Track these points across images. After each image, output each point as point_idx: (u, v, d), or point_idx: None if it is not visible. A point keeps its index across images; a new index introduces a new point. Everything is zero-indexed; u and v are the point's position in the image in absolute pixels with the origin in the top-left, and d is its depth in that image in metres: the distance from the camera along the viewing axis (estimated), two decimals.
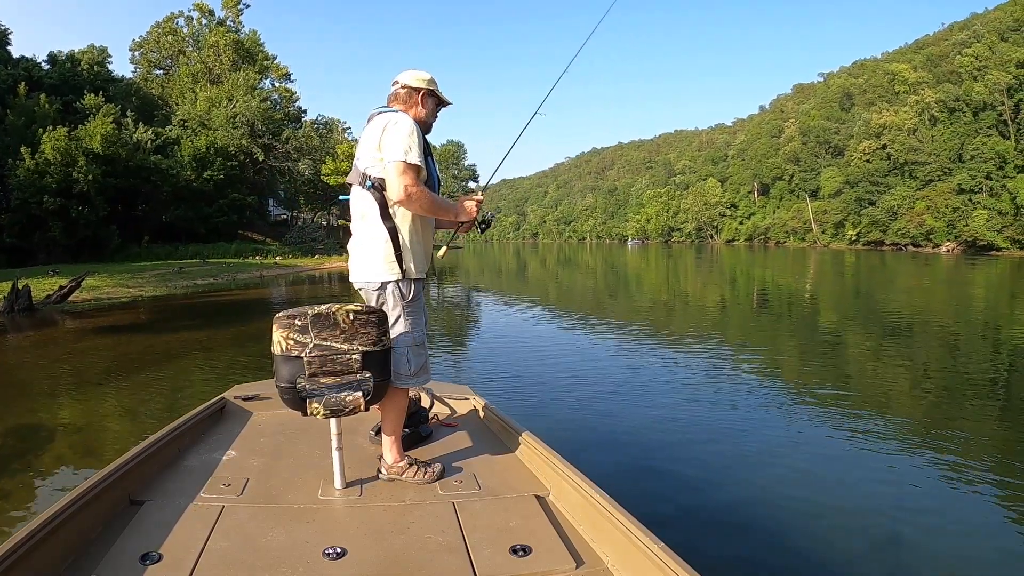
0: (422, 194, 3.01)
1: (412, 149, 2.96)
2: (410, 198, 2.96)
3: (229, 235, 51.27)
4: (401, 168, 2.95)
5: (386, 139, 3.01)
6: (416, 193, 2.98)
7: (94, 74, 51.28)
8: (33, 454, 6.36)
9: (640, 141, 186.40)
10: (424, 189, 3.03)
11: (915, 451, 6.19)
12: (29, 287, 18.81)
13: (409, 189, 2.95)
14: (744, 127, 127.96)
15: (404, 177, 2.94)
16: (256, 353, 10.99)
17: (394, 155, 2.96)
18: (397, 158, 2.95)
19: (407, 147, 2.96)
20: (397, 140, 2.97)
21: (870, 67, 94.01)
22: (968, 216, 63.86)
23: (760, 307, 20.68)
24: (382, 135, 3.02)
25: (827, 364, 10.89)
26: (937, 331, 14.26)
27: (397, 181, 2.94)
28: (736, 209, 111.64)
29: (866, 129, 78.47)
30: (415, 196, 2.98)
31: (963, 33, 75.65)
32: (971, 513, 4.90)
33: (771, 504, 5.01)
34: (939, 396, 8.56)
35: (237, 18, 60.30)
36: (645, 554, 2.19)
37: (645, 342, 13.04)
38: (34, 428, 7.26)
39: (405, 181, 2.94)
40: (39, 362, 11.51)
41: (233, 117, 52.05)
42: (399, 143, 2.96)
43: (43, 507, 3.06)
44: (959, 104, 69.64)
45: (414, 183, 2.97)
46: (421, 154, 3.02)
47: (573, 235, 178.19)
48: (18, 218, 37.31)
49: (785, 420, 7.31)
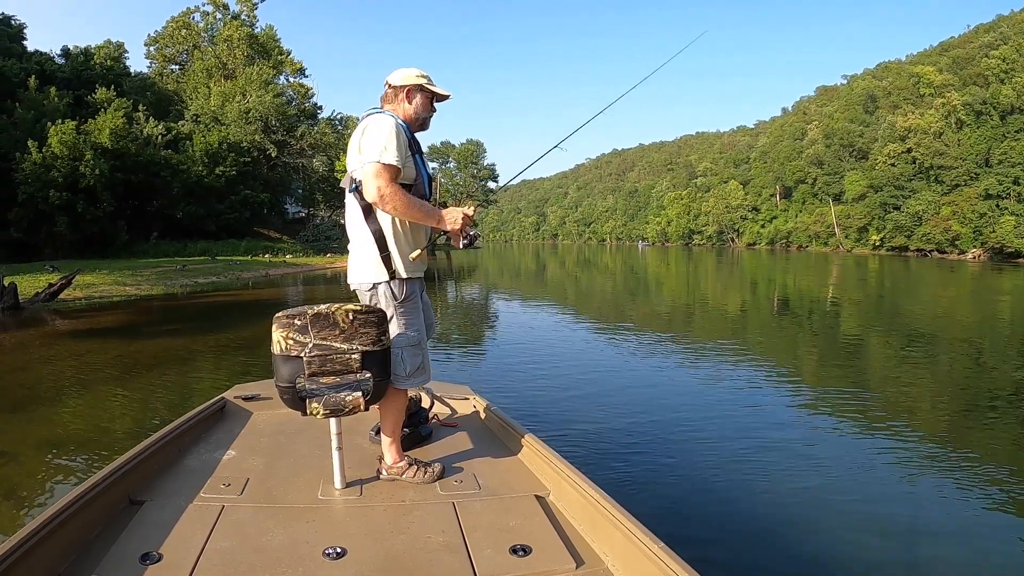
0: (395, 195, 2.94)
1: (388, 149, 2.93)
2: (383, 199, 2.93)
3: (241, 232, 50.76)
4: (375, 169, 2.92)
5: (364, 141, 2.99)
6: (388, 194, 2.92)
7: (107, 68, 51.14)
8: (32, 455, 6.29)
9: (661, 143, 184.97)
10: (398, 191, 2.96)
11: (929, 461, 6.07)
12: (15, 284, 18.25)
13: (382, 190, 2.91)
14: (766, 129, 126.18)
15: (377, 178, 2.91)
16: (241, 362, 10.76)
17: (369, 156, 2.94)
18: (372, 159, 2.93)
19: (383, 147, 2.93)
20: (374, 141, 2.95)
21: (894, 69, 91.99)
22: (995, 222, 61.89)
23: (778, 312, 20.16)
24: (361, 137, 3.02)
25: (840, 370, 10.74)
26: (961, 341, 13.63)
27: (371, 183, 2.92)
28: (758, 212, 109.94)
29: (891, 132, 76.72)
30: (387, 197, 2.93)
31: (989, 35, 74.01)
32: (987, 528, 4.73)
33: (772, 505, 5.03)
34: (959, 408, 8.27)
35: (251, 12, 60.22)
36: (645, 554, 2.20)
37: (654, 345, 12.92)
38: (33, 429, 7.16)
39: (378, 182, 2.91)
40: (25, 363, 11.08)
41: (246, 112, 51.63)
42: (376, 144, 2.94)
43: (43, 507, 3.33)
44: (986, 107, 67.91)
45: (387, 184, 2.92)
46: (401, 154, 2.98)
47: (593, 237, 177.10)
48: (25, 213, 37.04)
49: (790, 423, 7.31)
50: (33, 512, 4.70)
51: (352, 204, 3.13)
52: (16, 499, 5.15)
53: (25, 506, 4.99)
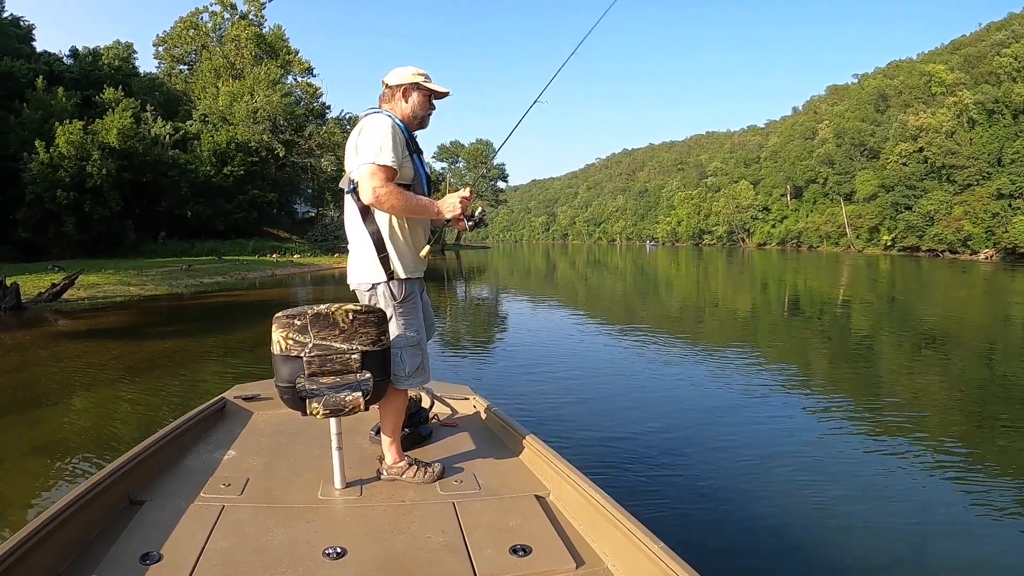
0: (391, 195, 2.93)
1: (384, 149, 2.92)
2: (379, 200, 2.92)
3: (249, 232, 50.75)
4: (371, 170, 2.91)
5: (361, 141, 2.99)
6: (384, 195, 2.92)
7: (115, 69, 51.23)
8: (32, 455, 6.25)
9: (671, 142, 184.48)
10: (393, 190, 2.95)
11: (935, 463, 5.96)
12: (17, 284, 18.14)
13: (377, 191, 2.90)
14: (777, 129, 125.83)
15: (373, 179, 2.90)
16: (242, 363, 10.63)
17: (364, 157, 2.94)
18: (367, 160, 2.92)
19: (379, 148, 2.92)
20: (370, 141, 2.94)
21: (905, 68, 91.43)
22: (1007, 222, 61.29)
23: (788, 314, 19.94)
24: (358, 138, 3.01)
25: (849, 373, 10.60)
26: (973, 344, 13.45)
27: (366, 184, 2.91)
28: (768, 212, 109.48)
29: (902, 131, 76.10)
30: (383, 197, 2.92)
31: (1001, 33, 73.57)
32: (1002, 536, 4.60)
33: (773, 505, 4.98)
34: (972, 412, 8.05)
35: (259, 12, 60.30)
36: (645, 554, 2.21)
37: (659, 346, 12.73)
38: (33, 429, 7.11)
39: (373, 183, 2.90)
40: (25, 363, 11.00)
41: (254, 112, 51.69)
42: (372, 144, 2.93)
43: (43, 507, 3.25)
44: (998, 106, 67.34)
45: (383, 184, 2.91)
46: (398, 154, 2.97)
47: (603, 236, 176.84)
48: (32, 213, 37.09)
49: (794, 425, 7.22)
50: (33, 512, 4.68)
51: (350, 205, 3.13)
52: (16, 499, 5.16)
53: (25, 506, 4.98)
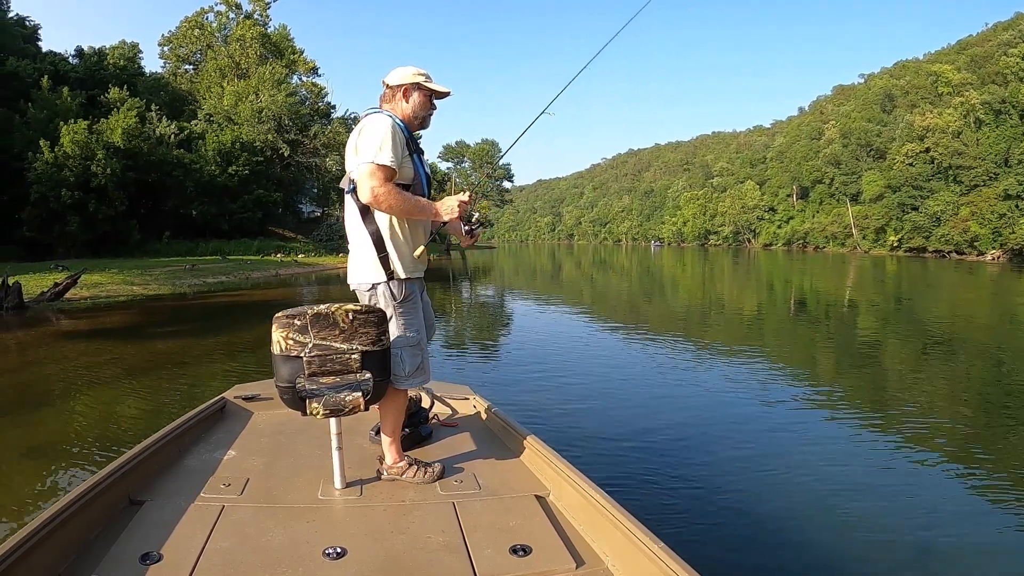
0: (389, 195, 2.93)
1: (383, 149, 2.91)
2: (376, 199, 2.92)
3: (253, 232, 50.70)
4: (370, 170, 2.91)
5: (360, 141, 2.98)
6: (382, 195, 2.91)
7: (121, 69, 51.31)
8: (32, 455, 6.26)
9: (677, 143, 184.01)
10: (392, 190, 2.94)
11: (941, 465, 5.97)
12: (20, 284, 18.16)
13: (375, 191, 2.90)
14: (783, 129, 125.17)
15: (371, 178, 2.90)
16: (243, 363, 10.58)
17: (363, 157, 2.93)
18: (366, 159, 2.92)
19: (378, 147, 2.91)
20: (369, 141, 2.94)
21: (912, 68, 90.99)
22: (1014, 223, 61.01)
23: (794, 314, 19.86)
24: (358, 137, 3.01)
25: (854, 374, 10.57)
26: (980, 345, 13.36)
27: (365, 183, 2.91)
28: (774, 212, 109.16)
29: (908, 132, 75.83)
30: (381, 197, 2.92)
31: (1008, 33, 72.87)
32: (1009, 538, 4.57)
33: (774, 505, 4.98)
34: (979, 414, 7.98)
35: (264, 11, 60.24)
36: (645, 554, 2.21)
37: (662, 346, 12.74)
38: (33, 429, 7.12)
39: (372, 182, 2.90)
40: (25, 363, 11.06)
41: (259, 112, 51.61)
42: (371, 144, 2.92)
43: (43, 507, 3.29)
44: (1005, 106, 67.05)
45: (381, 184, 2.90)
46: (397, 154, 2.96)
47: (609, 237, 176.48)
48: (37, 212, 37.12)
49: (797, 426, 7.19)
50: (33, 512, 4.68)
51: (350, 205, 3.13)
52: (16, 499, 5.16)
53: (25, 506, 4.98)
